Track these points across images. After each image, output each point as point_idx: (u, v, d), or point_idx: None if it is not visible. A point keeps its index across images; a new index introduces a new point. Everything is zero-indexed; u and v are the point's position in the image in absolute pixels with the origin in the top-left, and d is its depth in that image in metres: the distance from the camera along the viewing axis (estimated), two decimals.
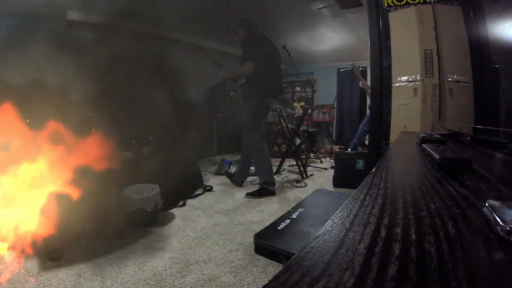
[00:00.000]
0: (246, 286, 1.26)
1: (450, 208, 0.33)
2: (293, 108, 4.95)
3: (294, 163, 3.40)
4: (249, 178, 2.92)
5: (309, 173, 3.30)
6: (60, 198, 1.48)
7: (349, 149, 3.72)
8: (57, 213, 1.44)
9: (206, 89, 4.45)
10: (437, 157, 0.55)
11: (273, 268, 1.39)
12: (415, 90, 1.93)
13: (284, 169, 3.50)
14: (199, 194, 2.55)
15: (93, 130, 1.81)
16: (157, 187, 1.98)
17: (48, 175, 1.58)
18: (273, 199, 2.47)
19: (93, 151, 1.73)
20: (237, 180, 2.82)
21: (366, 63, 3.86)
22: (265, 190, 2.53)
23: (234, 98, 2.82)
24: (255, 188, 2.74)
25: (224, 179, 3.06)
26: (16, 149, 1.54)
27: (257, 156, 2.53)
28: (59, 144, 1.63)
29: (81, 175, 1.62)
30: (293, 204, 2.16)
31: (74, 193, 1.54)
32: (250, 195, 2.51)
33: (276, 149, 4.41)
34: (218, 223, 1.94)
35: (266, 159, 2.55)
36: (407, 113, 1.98)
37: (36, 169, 1.56)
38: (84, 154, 1.69)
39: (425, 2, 1.98)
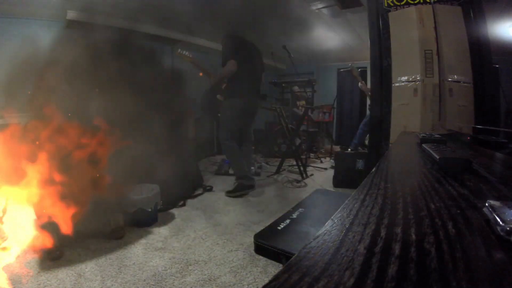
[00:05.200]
0: (246, 286, 1.26)
1: (450, 208, 0.33)
2: (297, 107, 4.95)
3: (294, 163, 3.40)
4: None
5: (309, 173, 3.30)
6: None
7: (350, 149, 3.72)
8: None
9: (207, 89, 4.45)
10: (437, 157, 0.55)
11: (273, 268, 1.39)
12: (415, 90, 1.93)
13: (284, 169, 3.50)
14: (199, 194, 2.55)
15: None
16: (157, 187, 1.98)
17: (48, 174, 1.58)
18: (273, 199, 2.47)
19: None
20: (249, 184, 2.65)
21: (366, 63, 3.86)
22: (241, 186, 2.52)
23: (220, 99, 2.83)
24: (256, 188, 2.76)
25: (224, 179, 3.06)
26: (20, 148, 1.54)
27: (226, 151, 2.60)
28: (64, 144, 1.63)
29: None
30: (293, 204, 2.15)
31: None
32: (229, 193, 2.50)
33: (276, 149, 4.41)
34: (218, 223, 1.94)
35: (234, 154, 2.56)
36: (407, 113, 1.98)
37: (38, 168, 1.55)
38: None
39: (425, 2, 1.98)
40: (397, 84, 2.03)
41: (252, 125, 2.79)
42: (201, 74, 2.81)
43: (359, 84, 3.64)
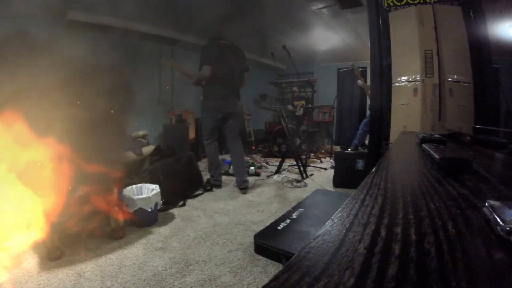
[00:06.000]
0: (246, 286, 1.26)
1: (450, 208, 0.33)
2: (295, 106, 4.95)
3: (294, 163, 3.40)
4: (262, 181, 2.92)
5: (309, 173, 3.30)
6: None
7: (350, 149, 3.72)
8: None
9: None
10: (437, 157, 0.55)
11: (273, 268, 1.39)
12: (415, 90, 1.93)
13: (284, 169, 3.50)
14: (199, 194, 2.55)
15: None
16: (157, 187, 1.98)
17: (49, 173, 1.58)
18: (273, 199, 2.47)
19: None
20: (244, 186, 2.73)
21: (366, 63, 3.86)
22: (208, 183, 2.73)
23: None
24: (254, 190, 2.76)
25: (224, 179, 3.06)
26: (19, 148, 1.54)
27: (206, 150, 2.78)
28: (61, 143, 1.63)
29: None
30: (293, 204, 2.16)
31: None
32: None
33: (276, 149, 4.41)
34: (218, 223, 1.94)
35: (210, 154, 2.74)
36: (407, 113, 1.98)
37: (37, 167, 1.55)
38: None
39: (425, 2, 1.98)
40: (397, 84, 2.03)
41: (235, 125, 2.75)
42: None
43: (358, 81, 3.64)
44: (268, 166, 3.75)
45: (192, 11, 2.96)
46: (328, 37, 4.35)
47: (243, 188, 2.64)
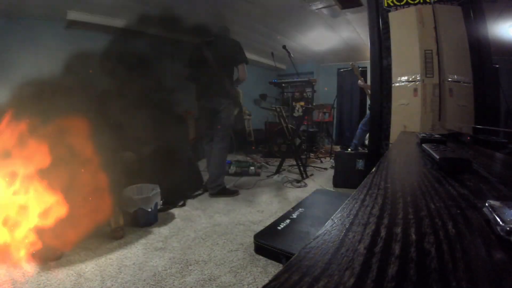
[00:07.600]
0: (246, 286, 1.26)
1: (450, 208, 0.33)
2: (293, 109, 4.94)
3: (294, 163, 3.40)
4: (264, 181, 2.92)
5: (309, 173, 3.30)
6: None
7: (350, 149, 3.72)
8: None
9: None
10: (437, 157, 0.55)
11: (273, 268, 1.39)
12: (415, 90, 1.93)
13: (284, 169, 3.50)
14: (199, 194, 2.55)
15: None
16: (157, 187, 1.98)
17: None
18: (273, 199, 2.47)
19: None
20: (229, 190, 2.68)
21: (366, 63, 3.85)
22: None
23: None
24: (254, 190, 2.76)
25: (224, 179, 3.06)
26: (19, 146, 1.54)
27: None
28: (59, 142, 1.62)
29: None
30: (293, 204, 2.16)
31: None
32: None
33: (276, 149, 4.41)
34: (218, 223, 1.94)
35: (207, 155, 2.73)
36: (407, 113, 1.98)
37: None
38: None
39: (425, 2, 1.98)
40: (397, 84, 2.03)
41: (217, 122, 2.65)
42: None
43: (359, 81, 3.64)
44: (268, 166, 3.75)
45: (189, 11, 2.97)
46: (328, 37, 4.35)
47: (210, 189, 2.53)
